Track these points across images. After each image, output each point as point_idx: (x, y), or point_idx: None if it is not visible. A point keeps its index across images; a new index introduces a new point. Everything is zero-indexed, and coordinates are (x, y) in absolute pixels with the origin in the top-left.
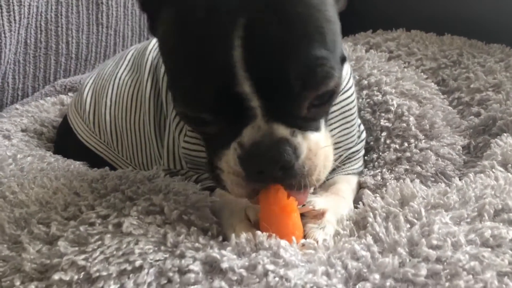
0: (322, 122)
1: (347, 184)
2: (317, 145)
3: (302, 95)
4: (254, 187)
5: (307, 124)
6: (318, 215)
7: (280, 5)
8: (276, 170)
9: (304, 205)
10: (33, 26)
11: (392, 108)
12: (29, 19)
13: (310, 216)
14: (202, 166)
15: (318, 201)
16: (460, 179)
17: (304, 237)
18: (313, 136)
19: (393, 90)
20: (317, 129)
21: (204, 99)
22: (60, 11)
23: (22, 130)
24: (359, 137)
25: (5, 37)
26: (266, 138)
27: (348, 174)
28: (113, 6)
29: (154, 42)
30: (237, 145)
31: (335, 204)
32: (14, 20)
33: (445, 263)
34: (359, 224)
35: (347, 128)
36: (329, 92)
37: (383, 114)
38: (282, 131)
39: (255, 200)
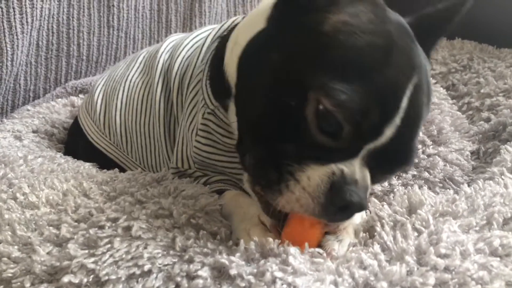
0: None
1: None
2: None
3: (400, 166)
4: (314, 214)
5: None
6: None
7: (428, 82)
8: (355, 213)
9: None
10: (45, 28)
11: None
12: (41, 21)
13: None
14: (210, 168)
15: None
16: (468, 185)
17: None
18: None
19: None
20: None
21: (370, 114)
22: (72, 13)
23: (33, 131)
24: None
25: (17, 39)
26: (360, 180)
27: None
28: (124, 9)
29: (165, 45)
30: (340, 171)
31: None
32: (27, 22)
33: (453, 272)
34: (367, 233)
35: None
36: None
37: None
38: (369, 180)
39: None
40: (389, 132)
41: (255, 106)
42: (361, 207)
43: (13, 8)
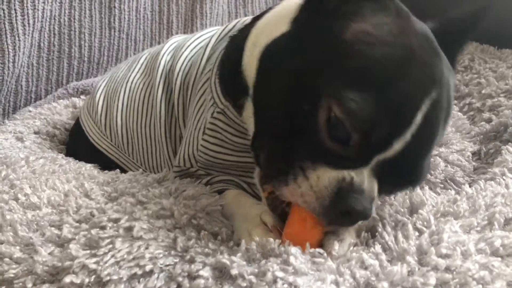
0: None
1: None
2: None
3: (409, 183)
4: (315, 213)
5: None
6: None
7: (450, 98)
8: (357, 220)
9: None
10: (46, 29)
11: None
12: (43, 23)
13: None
14: (214, 167)
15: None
16: (470, 186)
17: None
18: None
19: None
20: None
21: (379, 124)
22: (73, 15)
23: (35, 132)
24: None
25: (19, 40)
26: (367, 190)
27: None
28: (126, 10)
29: (167, 46)
30: (350, 178)
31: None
32: (28, 23)
33: (454, 272)
34: (369, 233)
35: None
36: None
37: None
38: (376, 191)
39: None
40: (397, 146)
41: (273, 107)
42: (364, 216)
43: (15, 9)
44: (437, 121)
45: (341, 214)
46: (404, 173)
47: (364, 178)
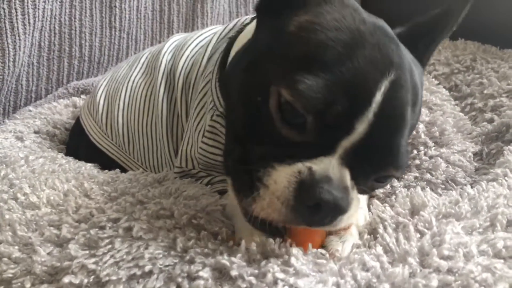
0: None
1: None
2: (358, 205)
3: (385, 167)
4: (289, 222)
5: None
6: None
7: (414, 82)
8: (331, 214)
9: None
10: (47, 29)
11: None
12: (43, 22)
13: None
14: (215, 169)
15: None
16: (472, 187)
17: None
18: (356, 198)
19: None
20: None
21: (331, 103)
22: (74, 14)
23: (35, 132)
24: None
25: (19, 39)
26: (336, 179)
27: None
28: (126, 10)
29: (168, 45)
30: (306, 169)
31: (356, 217)
32: (29, 23)
33: (456, 274)
34: (371, 235)
35: None
36: (394, 177)
37: None
38: (348, 179)
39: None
40: (361, 127)
41: (232, 109)
42: (337, 206)
43: (15, 9)
44: (402, 102)
45: (311, 210)
46: (377, 156)
47: (328, 166)
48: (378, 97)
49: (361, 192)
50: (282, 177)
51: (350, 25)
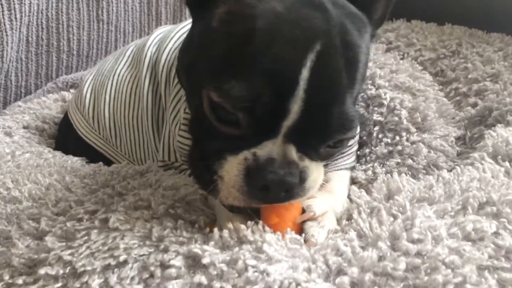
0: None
1: (340, 181)
2: (319, 173)
3: (330, 136)
4: (250, 204)
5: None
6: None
7: (349, 44)
8: (282, 191)
9: (304, 211)
10: (34, 24)
11: (385, 102)
12: (30, 17)
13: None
14: None
15: (317, 206)
16: (450, 171)
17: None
18: (315, 163)
19: (387, 84)
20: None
21: (257, 98)
22: (61, 8)
23: (24, 127)
24: None
25: (6, 35)
26: (279, 157)
27: (341, 169)
28: (113, 2)
29: (153, 37)
30: (251, 155)
31: (332, 203)
32: (15, 18)
33: (425, 257)
34: (349, 221)
35: None
36: (347, 140)
37: (376, 108)
38: (293, 154)
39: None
40: (295, 107)
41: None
42: (282, 182)
43: (1, 4)
44: (332, 69)
45: (262, 191)
46: (318, 127)
47: (272, 148)
48: (305, 73)
49: (320, 159)
50: (232, 167)
51: (265, 9)
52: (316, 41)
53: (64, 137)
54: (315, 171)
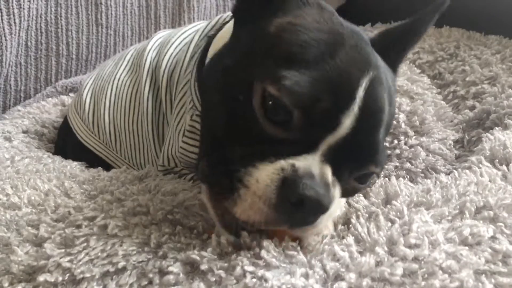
0: None
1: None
2: (335, 209)
3: (366, 163)
4: (271, 222)
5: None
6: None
7: (388, 82)
8: (313, 213)
9: None
10: (33, 28)
11: None
12: (29, 22)
13: None
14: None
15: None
16: (448, 175)
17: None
18: (338, 197)
19: None
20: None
21: (317, 100)
22: (60, 12)
23: (23, 132)
24: None
25: (5, 40)
26: (318, 176)
27: None
28: (112, 6)
29: (152, 42)
30: (289, 165)
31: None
32: (14, 23)
33: (422, 262)
34: (346, 225)
35: None
36: (374, 173)
37: None
38: (330, 177)
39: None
40: (347, 121)
41: (211, 110)
42: (320, 203)
43: (0, 9)
44: (381, 97)
45: (293, 207)
46: (359, 152)
47: (311, 163)
48: (361, 92)
49: (344, 193)
50: (264, 175)
51: (330, 27)
52: (370, 69)
53: (64, 141)
54: (336, 204)
